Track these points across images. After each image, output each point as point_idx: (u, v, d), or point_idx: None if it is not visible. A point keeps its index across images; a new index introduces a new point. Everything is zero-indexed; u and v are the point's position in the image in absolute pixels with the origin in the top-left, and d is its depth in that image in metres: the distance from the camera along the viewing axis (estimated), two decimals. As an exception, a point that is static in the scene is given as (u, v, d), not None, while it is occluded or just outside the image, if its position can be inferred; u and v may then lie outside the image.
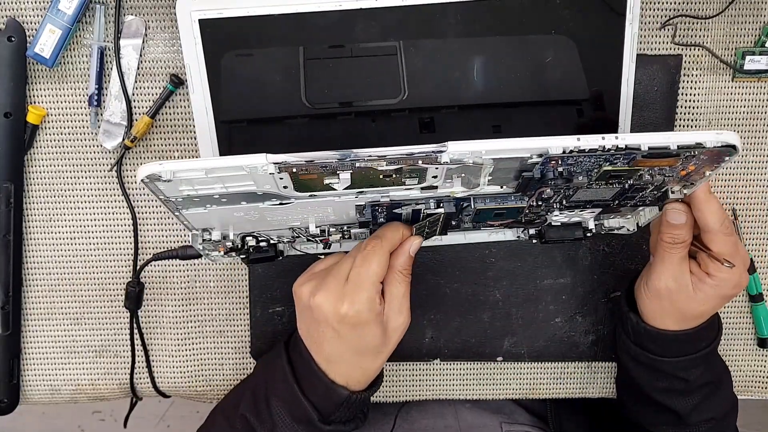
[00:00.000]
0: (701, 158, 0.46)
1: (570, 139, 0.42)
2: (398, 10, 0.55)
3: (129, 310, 0.64)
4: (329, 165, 0.43)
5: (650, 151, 0.43)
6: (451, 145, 0.42)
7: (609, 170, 0.46)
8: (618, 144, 0.43)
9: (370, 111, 0.58)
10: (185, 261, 0.64)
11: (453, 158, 0.43)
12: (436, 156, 0.43)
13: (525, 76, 0.57)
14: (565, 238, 0.60)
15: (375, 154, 0.42)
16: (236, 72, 0.57)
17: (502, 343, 0.67)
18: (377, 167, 0.44)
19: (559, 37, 0.57)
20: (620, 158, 0.45)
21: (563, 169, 0.46)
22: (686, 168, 0.47)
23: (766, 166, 0.64)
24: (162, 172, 0.42)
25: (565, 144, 0.42)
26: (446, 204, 0.52)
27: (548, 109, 0.59)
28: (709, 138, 0.43)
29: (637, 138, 0.43)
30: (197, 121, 0.57)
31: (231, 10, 0.54)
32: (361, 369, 0.54)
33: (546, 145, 0.43)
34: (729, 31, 0.60)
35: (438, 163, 0.43)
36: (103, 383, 0.68)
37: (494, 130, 0.58)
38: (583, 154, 0.43)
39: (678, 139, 0.43)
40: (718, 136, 0.43)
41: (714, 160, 0.46)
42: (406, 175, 0.46)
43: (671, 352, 0.57)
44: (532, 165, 0.45)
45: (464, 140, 0.42)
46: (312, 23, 0.55)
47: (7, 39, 0.59)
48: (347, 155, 0.42)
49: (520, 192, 0.51)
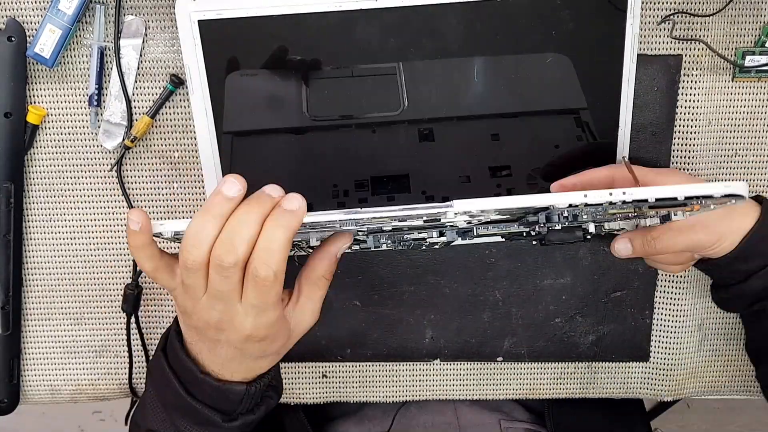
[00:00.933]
0: (707, 202, 0.45)
1: (577, 195, 0.42)
2: (398, 11, 0.55)
3: (126, 313, 0.64)
4: (333, 226, 0.42)
5: (657, 202, 0.43)
6: (457, 204, 0.42)
7: (615, 213, 0.46)
8: (625, 199, 0.42)
9: (371, 123, 0.58)
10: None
11: (458, 213, 0.42)
12: (441, 214, 0.42)
13: (524, 86, 0.58)
14: (565, 241, 0.59)
15: (380, 215, 0.41)
16: (239, 86, 0.57)
17: (502, 343, 0.67)
18: (382, 227, 0.43)
19: (557, 44, 0.57)
20: (627, 206, 0.45)
21: (569, 214, 0.46)
22: (692, 207, 0.47)
23: (766, 166, 0.64)
24: (164, 231, 0.43)
25: (572, 200, 0.42)
26: (449, 233, 0.52)
27: (547, 118, 0.59)
28: (718, 190, 0.42)
29: (645, 192, 0.42)
30: (197, 123, 0.58)
31: (230, 11, 0.55)
32: (258, 368, 0.50)
33: (551, 202, 0.42)
34: (729, 31, 0.60)
35: (443, 219, 0.43)
36: (103, 383, 0.68)
37: (493, 138, 0.59)
38: (589, 206, 0.43)
39: (686, 191, 0.42)
40: (726, 188, 0.42)
41: (720, 201, 0.46)
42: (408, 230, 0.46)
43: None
44: (537, 210, 0.45)
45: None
46: (311, 24, 0.55)
47: (7, 39, 0.59)
48: (349, 220, 0.41)
49: (523, 225, 0.51)
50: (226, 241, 0.42)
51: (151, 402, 0.52)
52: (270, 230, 0.42)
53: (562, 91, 0.58)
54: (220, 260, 0.42)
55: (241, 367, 0.49)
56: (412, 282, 0.65)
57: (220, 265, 0.42)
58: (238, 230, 0.41)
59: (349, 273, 0.65)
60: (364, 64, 0.57)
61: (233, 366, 0.48)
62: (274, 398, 0.53)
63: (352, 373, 0.68)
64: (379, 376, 0.68)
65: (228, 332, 0.46)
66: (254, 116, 0.58)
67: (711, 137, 0.62)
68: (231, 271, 0.42)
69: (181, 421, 0.50)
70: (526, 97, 0.58)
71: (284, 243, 0.42)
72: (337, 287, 0.65)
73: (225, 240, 0.42)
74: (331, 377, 0.68)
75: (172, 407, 0.50)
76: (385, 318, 0.66)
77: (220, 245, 0.42)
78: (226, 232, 0.42)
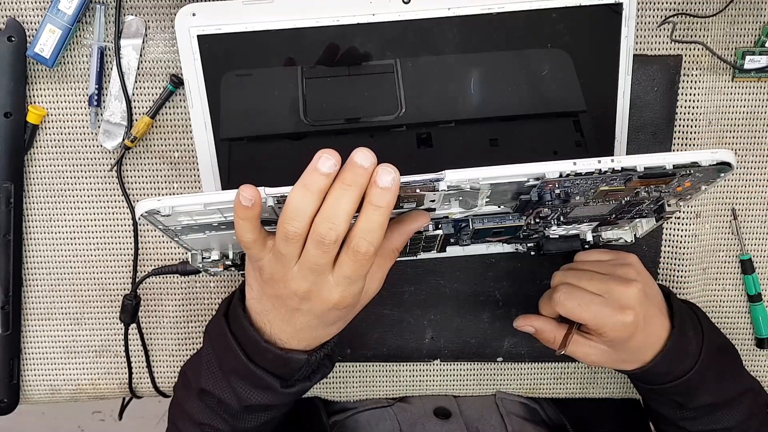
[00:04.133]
0: (697, 176, 0.46)
1: (566, 163, 0.43)
2: (396, 25, 0.55)
3: (124, 323, 0.64)
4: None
5: (646, 171, 0.44)
6: (449, 174, 0.42)
7: (606, 190, 0.47)
8: (614, 167, 0.43)
9: (369, 127, 0.58)
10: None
11: (451, 185, 0.43)
12: (434, 184, 0.43)
13: (521, 89, 0.58)
14: (562, 250, 0.60)
15: None
16: (235, 90, 0.57)
17: (502, 343, 0.67)
18: None
19: (554, 50, 0.57)
20: (617, 179, 0.45)
21: (560, 190, 0.46)
22: (682, 185, 0.47)
23: (766, 166, 0.64)
24: (161, 207, 0.42)
25: (562, 168, 0.43)
26: (444, 226, 0.52)
27: (545, 121, 0.59)
28: (704, 157, 0.43)
29: (633, 160, 0.43)
30: (196, 137, 0.58)
31: (229, 25, 0.55)
32: (326, 335, 0.52)
33: (543, 170, 0.43)
34: (729, 31, 0.60)
35: (436, 190, 0.43)
36: (104, 383, 0.68)
37: (491, 143, 0.59)
38: (580, 177, 0.44)
39: (673, 159, 0.43)
40: (713, 155, 0.43)
41: (710, 177, 0.46)
42: (404, 200, 0.46)
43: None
44: (530, 188, 0.46)
45: (462, 167, 0.43)
46: (310, 38, 0.55)
47: (7, 39, 0.59)
48: None
49: (517, 212, 0.51)
50: (327, 218, 0.43)
51: (207, 363, 0.55)
52: (369, 212, 0.43)
53: (560, 97, 0.58)
54: (321, 236, 0.43)
55: (311, 335, 0.51)
56: (412, 282, 0.65)
57: (320, 241, 0.43)
58: (337, 208, 0.43)
59: (349, 273, 0.65)
60: (361, 71, 0.57)
61: (304, 334, 0.50)
62: (328, 367, 0.56)
63: (352, 373, 0.68)
64: (379, 376, 0.68)
65: (314, 302, 0.47)
66: (252, 122, 0.58)
67: (711, 137, 0.62)
68: (331, 247, 0.44)
69: (238, 383, 0.52)
70: (524, 103, 0.58)
71: (383, 221, 0.43)
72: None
73: (325, 217, 0.43)
74: (331, 377, 0.68)
75: (230, 370, 0.53)
76: (385, 318, 0.66)
77: (322, 222, 0.43)
78: (326, 209, 0.43)
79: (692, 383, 0.57)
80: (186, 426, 0.57)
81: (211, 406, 0.55)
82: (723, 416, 0.59)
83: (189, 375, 0.58)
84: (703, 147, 0.62)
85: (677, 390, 0.58)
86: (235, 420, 0.55)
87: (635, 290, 0.54)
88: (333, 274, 0.46)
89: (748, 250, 0.65)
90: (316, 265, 0.45)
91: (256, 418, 0.55)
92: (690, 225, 0.64)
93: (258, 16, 0.54)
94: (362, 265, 0.45)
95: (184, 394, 0.58)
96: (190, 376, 0.57)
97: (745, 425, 0.59)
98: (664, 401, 0.60)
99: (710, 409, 0.59)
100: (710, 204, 0.64)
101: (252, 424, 0.55)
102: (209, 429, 0.55)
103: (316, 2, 0.54)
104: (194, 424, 0.56)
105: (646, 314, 0.55)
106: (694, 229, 0.64)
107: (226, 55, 0.56)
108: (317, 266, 0.45)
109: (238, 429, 0.55)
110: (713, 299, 0.67)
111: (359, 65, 0.57)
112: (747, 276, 0.65)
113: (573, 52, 0.57)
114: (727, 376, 0.60)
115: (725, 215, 0.65)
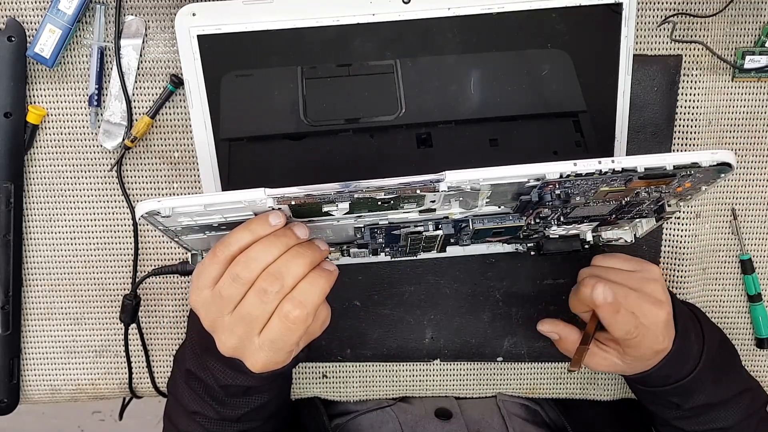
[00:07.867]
0: (697, 176, 0.46)
1: (567, 164, 0.42)
2: (395, 25, 0.55)
3: (124, 323, 0.64)
4: (327, 196, 0.43)
5: (646, 172, 0.43)
6: (449, 174, 0.42)
7: (606, 190, 0.47)
8: (614, 167, 0.43)
9: (369, 127, 0.58)
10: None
11: (451, 186, 0.43)
12: (434, 185, 0.43)
13: (521, 90, 0.58)
14: (562, 250, 0.60)
15: (373, 185, 0.42)
16: (236, 91, 0.57)
17: (502, 343, 0.67)
18: (375, 196, 0.44)
19: (554, 50, 0.57)
20: (617, 179, 0.45)
21: (561, 191, 0.46)
22: (682, 185, 0.47)
23: (766, 166, 0.64)
24: (161, 208, 0.43)
25: (562, 169, 0.43)
26: (445, 226, 0.52)
27: (545, 121, 0.59)
28: (704, 158, 0.43)
29: (633, 160, 0.43)
30: (196, 137, 0.58)
31: (229, 25, 0.55)
32: (283, 361, 0.50)
33: (543, 170, 0.43)
34: (729, 31, 0.60)
35: (436, 191, 0.43)
36: (104, 383, 0.68)
37: (491, 143, 0.59)
38: (580, 178, 0.44)
39: (673, 159, 0.43)
40: (713, 155, 0.43)
41: (710, 177, 0.46)
42: (404, 200, 0.46)
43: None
44: (530, 189, 0.46)
45: (461, 168, 0.43)
46: (310, 39, 0.55)
47: (7, 39, 0.59)
48: (346, 187, 0.42)
49: (518, 212, 0.51)
50: (276, 272, 0.45)
51: (191, 345, 0.57)
52: (316, 275, 0.46)
53: (560, 97, 0.58)
54: (266, 286, 0.45)
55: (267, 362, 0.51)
56: (412, 282, 0.65)
57: (264, 290, 0.45)
58: (291, 266, 0.45)
59: (349, 273, 0.65)
60: (361, 71, 0.57)
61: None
62: (303, 351, 0.55)
63: (352, 373, 0.68)
64: (379, 376, 0.68)
65: (244, 358, 0.49)
66: (252, 122, 0.58)
67: (711, 137, 0.62)
68: (271, 298, 0.45)
69: (214, 363, 0.53)
70: (524, 103, 0.58)
71: (324, 290, 0.46)
72: (338, 287, 0.65)
73: (275, 272, 0.45)
74: (331, 377, 0.68)
75: (205, 350, 0.54)
76: (385, 318, 0.66)
77: (268, 276, 0.45)
78: (279, 264, 0.45)
79: (690, 385, 0.57)
80: (180, 419, 0.58)
81: (197, 392, 0.56)
82: (719, 416, 0.59)
83: (178, 358, 0.59)
84: (703, 147, 0.62)
85: (675, 392, 0.58)
86: (221, 406, 0.55)
87: (665, 314, 0.54)
88: (259, 336, 0.46)
89: (748, 250, 0.65)
90: (249, 316, 0.46)
91: (241, 404, 0.55)
92: (690, 225, 0.64)
93: (258, 16, 0.55)
94: (289, 331, 0.46)
95: (174, 381, 0.59)
96: (179, 359, 0.59)
97: (743, 425, 0.59)
98: (661, 402, 0.60)
99: (706, 409, 0.59)
100: (710, 204, 0.64)
101: (238, 411, 0.56)
102: (200, 418, 0.56)
103: (316, 2, 0.54)
104: (186, 414, 0.57)
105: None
106: (694, 229, 0.64)
107: (226, 55, 0.56)
108: (249, 317, 0.46)
109: (226, 417, 0.56)
110: (713, 299, 0.67)
111: (359, 65, 0.57)
112: (747, 276, 0.65)
113: (573, 53, 0.57)
114: (726, 376, 0.60)
115: (725, 215, 0.65)
